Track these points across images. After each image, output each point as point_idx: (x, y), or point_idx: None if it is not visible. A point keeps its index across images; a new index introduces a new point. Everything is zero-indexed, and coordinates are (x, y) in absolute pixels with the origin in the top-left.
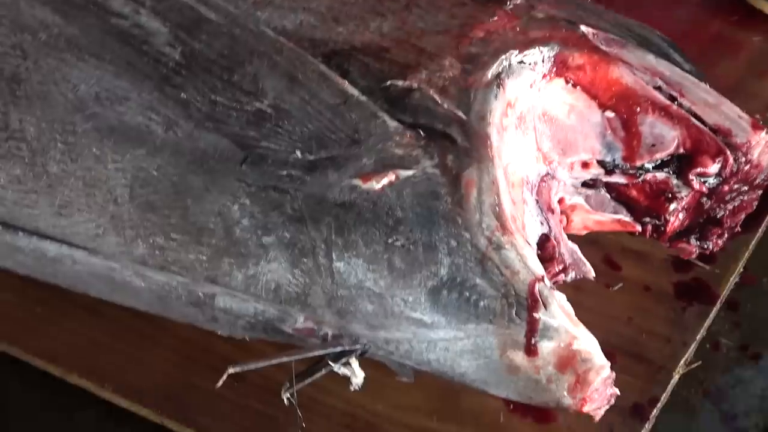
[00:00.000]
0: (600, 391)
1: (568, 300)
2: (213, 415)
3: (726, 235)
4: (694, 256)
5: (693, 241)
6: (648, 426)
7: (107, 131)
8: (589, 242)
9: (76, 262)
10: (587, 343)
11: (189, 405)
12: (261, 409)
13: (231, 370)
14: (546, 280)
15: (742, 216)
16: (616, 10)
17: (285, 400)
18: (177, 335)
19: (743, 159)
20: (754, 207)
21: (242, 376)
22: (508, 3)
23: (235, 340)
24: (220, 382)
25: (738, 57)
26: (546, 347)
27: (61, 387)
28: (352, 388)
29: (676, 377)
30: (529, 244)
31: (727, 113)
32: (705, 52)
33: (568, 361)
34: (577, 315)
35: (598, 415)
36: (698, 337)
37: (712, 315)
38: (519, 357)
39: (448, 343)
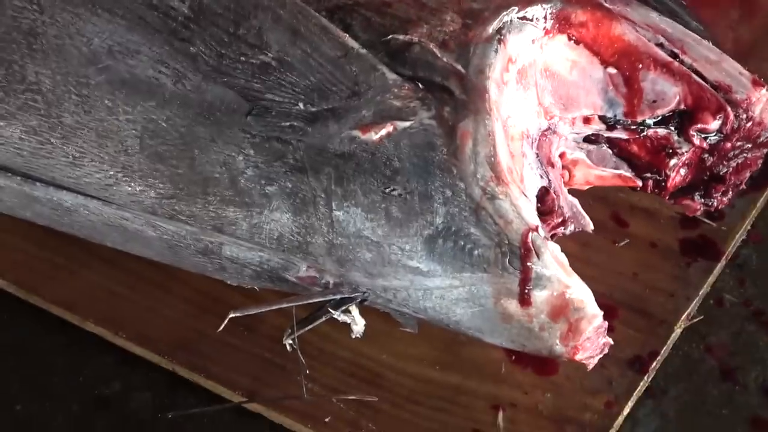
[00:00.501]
0: (592, 339)
1: (574, 255)
2: (223, 363)
3: (730, 193)
4: (699, 213)
5: (697, 198)
6: (647, 378)
7: (119, 84)
8: (597, 199)
9: (90, 212)
10: (580, 293)
11: (200, 353)
12: (269, 357)
13: (232, 315)
14: (540, 230)
15: (747, 174)
16: None
17: (287, 346)
18: (190, 286)
19: (744, 116)
20: (759, 165)
21: (252, 326)
22: None
23: (246, 290)
24: (222, 327)
25: (754, 20)
26: (539, 296)
27: (79, 334)
28: (353, 336)
29: (677, 331)
30: (525, 195)
31: (728, 70)
32: (722, 15)
33: (560, 309)
34: (583, 270)
35: (591, 364)
36: (702, 292)
37: (716, 271)
38: (513, 305)
39: (444, 291)
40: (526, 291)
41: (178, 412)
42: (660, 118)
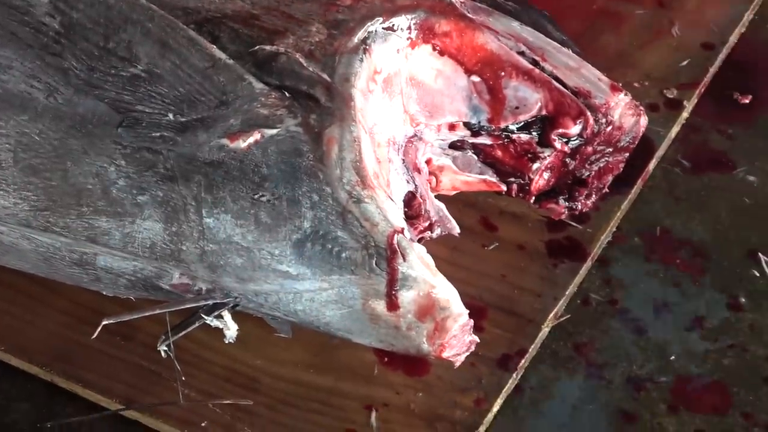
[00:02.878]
0: (458, 337)
1: (444, 259)
2: (99, 372)
3: (594, 196)
4: (563, 216)
5: (562, 201)
6: (516, 376)
7: None
8: (467, 205)
9: None
10: (446, 292)
11: (77, 363)
12: (146, 365)
13: (105, 322)
14: (406, 232)
15: (609, 177)
16: None
17: (162, 353)
18: (70, 298)
19: (604, 120)
20: (621, 168)
21: (128, 335)
22: None
23: (122, 301)
24: (95, 335)
25: (620, 29)
26: (406, 296)
27: None
28: (226, 341)
29: (545, 330)
30: (391, 199)
31: (587, 76)
32: (590, 25)
33: (427, 309)
34: (453, 273)
35: (458, 361)
36: (568, 292)
37: (582, 272)
38: (380, 306)
39: (314, 293)
40: (393, 292)
41: (57, 422)
42: (523, 123)
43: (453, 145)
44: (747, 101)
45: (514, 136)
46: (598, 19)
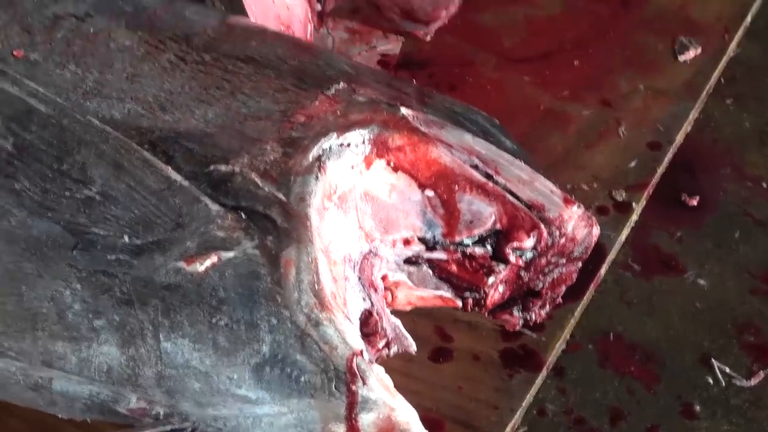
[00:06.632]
0: None
1: (399, 371)
2: None
3: (547, 306)
4: (518, 327)
5: (516, 312)
6: None
7: None
8: (422, 315)
9: None
10: (406, 414)
11: None
12: None
13: None
14: (365, 353)
15: (563, 288)
16: (446, 92)
17: None
18: (24, 418)
19: (557, 232)
20: (575, 279)
21: None
22: (330, 88)
23: (79, 423)
24: None
25: (567, 130)
26: (366, 419)
27: None
28: None
29: None
30: (349, 319)
31: (540, 189)
32: (536, 127)
33: None
34: (408, 385)
35: None
36: (525, 403)
37: (538, 382)
38: (340, 430)
39: (273, 418)
40: (353, 415)
41: None
42: (477, 237)
43: (408, 260)
44: (695, 203)
45: (469, 250)
46: (545, 120)
